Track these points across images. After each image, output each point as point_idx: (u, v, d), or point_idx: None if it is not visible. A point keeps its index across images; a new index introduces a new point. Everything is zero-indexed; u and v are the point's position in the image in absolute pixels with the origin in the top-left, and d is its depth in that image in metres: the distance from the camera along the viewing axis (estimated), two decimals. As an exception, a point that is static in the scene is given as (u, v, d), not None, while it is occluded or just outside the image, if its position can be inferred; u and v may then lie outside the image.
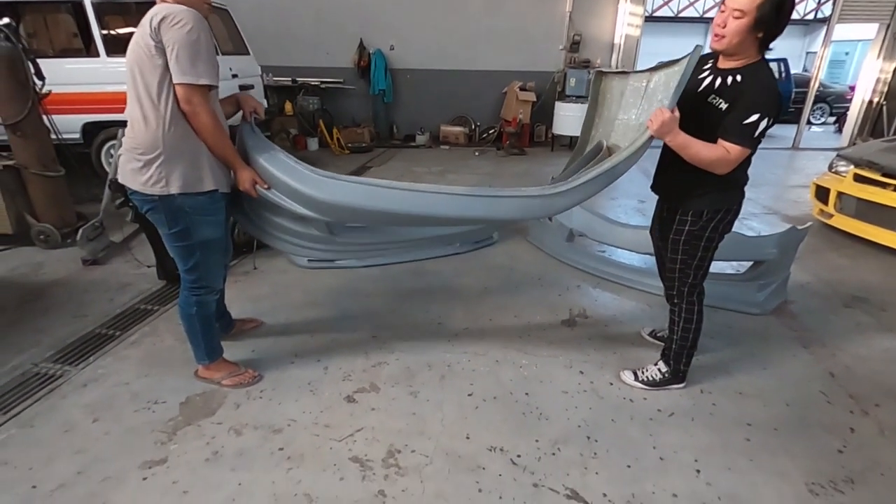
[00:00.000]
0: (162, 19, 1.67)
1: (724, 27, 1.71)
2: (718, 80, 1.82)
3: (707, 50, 1.91)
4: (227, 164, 1.93)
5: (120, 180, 1.90)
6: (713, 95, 1.81)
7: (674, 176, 2.01)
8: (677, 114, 1.78)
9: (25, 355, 2.46)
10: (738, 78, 1.76)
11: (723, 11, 1.73)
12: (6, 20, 3.39)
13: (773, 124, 1.74)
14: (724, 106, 1.77)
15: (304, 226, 2.12)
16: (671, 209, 2.04)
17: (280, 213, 2.15)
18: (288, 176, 1.96)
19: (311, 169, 2.01)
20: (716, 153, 1.77)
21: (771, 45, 1.78)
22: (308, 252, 2.18)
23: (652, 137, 1.83)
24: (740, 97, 1.73)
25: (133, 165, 1.83)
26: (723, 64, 1.84)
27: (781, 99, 1.75)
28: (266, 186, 1.97)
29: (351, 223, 2.07)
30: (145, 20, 1.71)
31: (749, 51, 1.76)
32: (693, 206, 1.95)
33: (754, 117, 1.70)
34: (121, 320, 2.79)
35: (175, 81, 1.72)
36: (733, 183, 1.93)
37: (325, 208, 2.01)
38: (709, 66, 1.91)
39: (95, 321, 2.78)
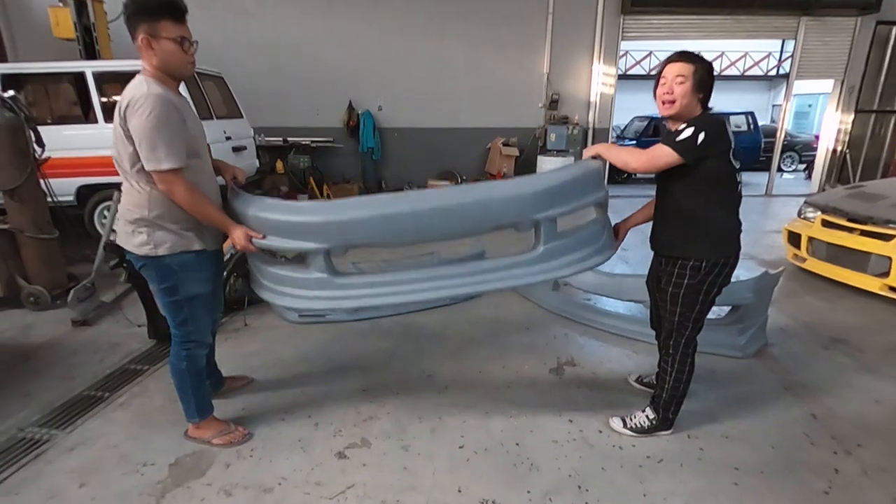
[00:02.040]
0: (127, 105, 1.76)
1: (673, 93, 1.94)
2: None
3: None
4: (218, 227, 2.01)
5: (118, 242, 1.99)
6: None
7: (670, 230, 2.13)
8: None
9: (12, 420, 2.43)
10: (685, 125, 1.95)
11: (664, 83, 1.97)
12: (11, 93, 3.57)
13: (707, 139, 1.86)
14: None
15: (303, 272, 2.13)
16: (670, 261, 2.12)
17: (279, 264, 2.20)
18: (280, 213, 2.01)
19: (303, 201, 2.10)
20: (636, 151, 2.01)
21: (710, 105, 2.01)
22: (310, 302, 2.16)
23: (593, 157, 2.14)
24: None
25: (126, 229, 1.96)
26: (673, 126, 2.02)
27: (719, 124, 1.91)
28: (261, 236, 1.99)
29: (353, 243, 2.06)
30: (119, 102, 1.80)
31: (695, 109, 1.99)
32: (692, 257, 2.04)
33: (683, 126, 1.92)
34: (110, 381, 2.79)
35: (147, 169, 1.81)
36: (725, 233, 2.04)
37: (324, 230, 2.00)
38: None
39: (84, 383, 2.77)
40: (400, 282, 2.16)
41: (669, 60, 1.98)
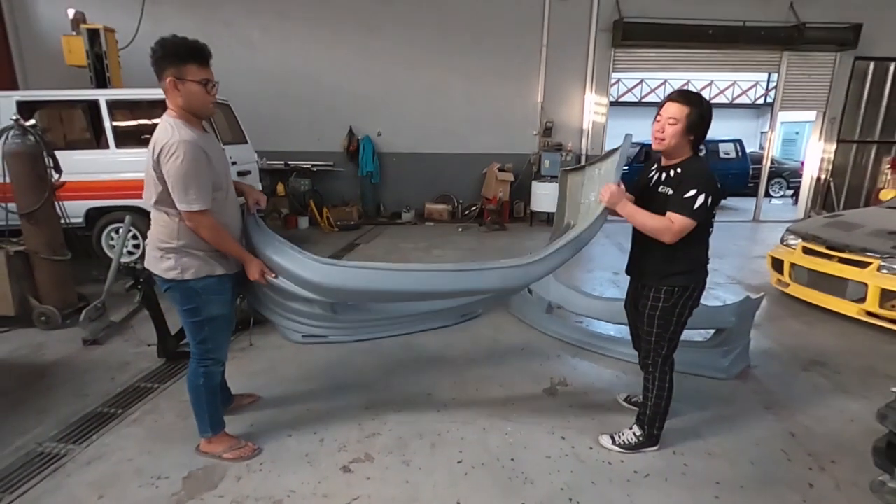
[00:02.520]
0: (160, 151, 1.92)
1: (663, 132, 2.13)
2: (664, 175, 2.21)
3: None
4: (237, 259, 2.19)
5: (146, 266, 2.16)
6: (661, 186, 2.20)
7: (649, 262, 2.31)
8: (622, 186, 2.21)
9: (29, 436, 2.54)
10: (679, 170, 2.17)
11: (658, 121, 2.17)
12: (33, 121, 3.75)
13: (713, 201, 2.07)
14: (670, 192, 2.15)
15: (308, 306, 2.35)
16: (646, 286, 2.31)
17: (286, 295, 2.38)
18: (294, 265, 2.22)
19: (315, 258, 2.27)
20: (660, 222, 2.12)
21: (700, 147, 2.20)
22: (312, 329, 2.39)
23: (606, 209, 2.23)
24: (681, 181, 2.12)
25: (155, 255, 2.12)
26: (665, 163, 2.24)
27: (716, 183, 2.10)
28: (274, 275, 2.22)
29: (352, 302, 2.33)
30: (151, 145, 1.97)
31: (685, 150, 2.17)
32: (664, 284, 2.23)
33: (692, 192, 2.06)
34: (122, 398, 2.90)
35: (178, 208, 1.99)
36: (696, 262, 2.24)
37: (329, 292, 2.27)
38: (655, 166, 2.30)
39: (97, 400, 2.88)
40: (389, 320, 2.40)
41: (669, 98, 2.15)
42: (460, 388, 3.07)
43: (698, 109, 2.09)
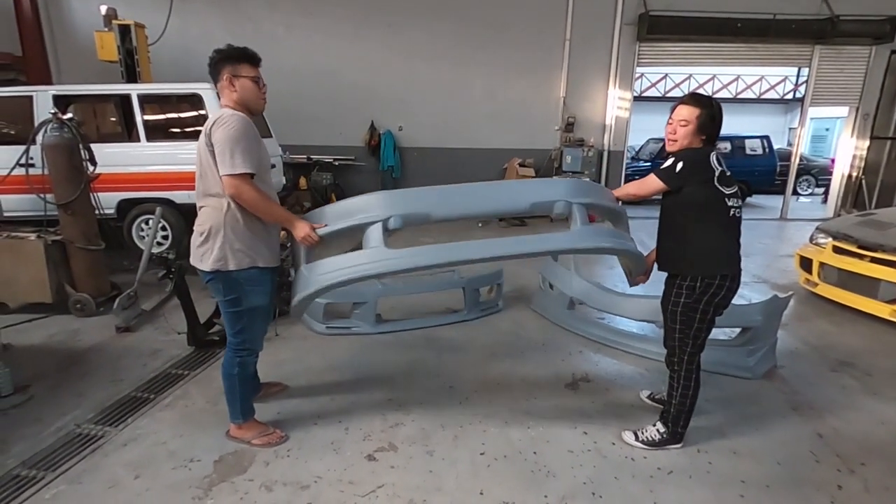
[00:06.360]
0: (213, 123, 2.07)
1: (676, 133, 2.21)
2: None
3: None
4: (282, 223, 2.25)
5: (191, 262, 2.24)
6: None
7: (663, 244, 2.39)
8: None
9: (68, 417, 2.65)
10: (671, 157, 2.26)
11: (671, 123, 2.24)
12: (70, 115, 3.87)
13: (685, 166, 2.15)
14: None
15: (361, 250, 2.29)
16: (668, 280, 2.33)
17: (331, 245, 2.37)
18: (347, 200, 2.31)
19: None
20: (635, 181, 2.40)
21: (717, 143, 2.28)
22: (368, 268, 2.23)
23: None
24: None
25: (200, 250, 2.19)
26: None
27: (699, 156, 2.17)
28: (323, 224, 2.23)
29: (409, 213, 2.24)
30: (204, 127, 2.12)
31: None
32: (685, 274, 2.24)
33: (669, 160, 2.21)
34: (154, 384, 3.00)
35: (221, 174, 2.05)
36: (716, 251, 2.22)
37: (384, 202, 2.24)
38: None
39: (131, 385, 2.98)
40: (444, 248, 2.31)
41: (680, 102, 2.24)
42: (482, 382, 3.09)
43: (708, 111, 2.17)
